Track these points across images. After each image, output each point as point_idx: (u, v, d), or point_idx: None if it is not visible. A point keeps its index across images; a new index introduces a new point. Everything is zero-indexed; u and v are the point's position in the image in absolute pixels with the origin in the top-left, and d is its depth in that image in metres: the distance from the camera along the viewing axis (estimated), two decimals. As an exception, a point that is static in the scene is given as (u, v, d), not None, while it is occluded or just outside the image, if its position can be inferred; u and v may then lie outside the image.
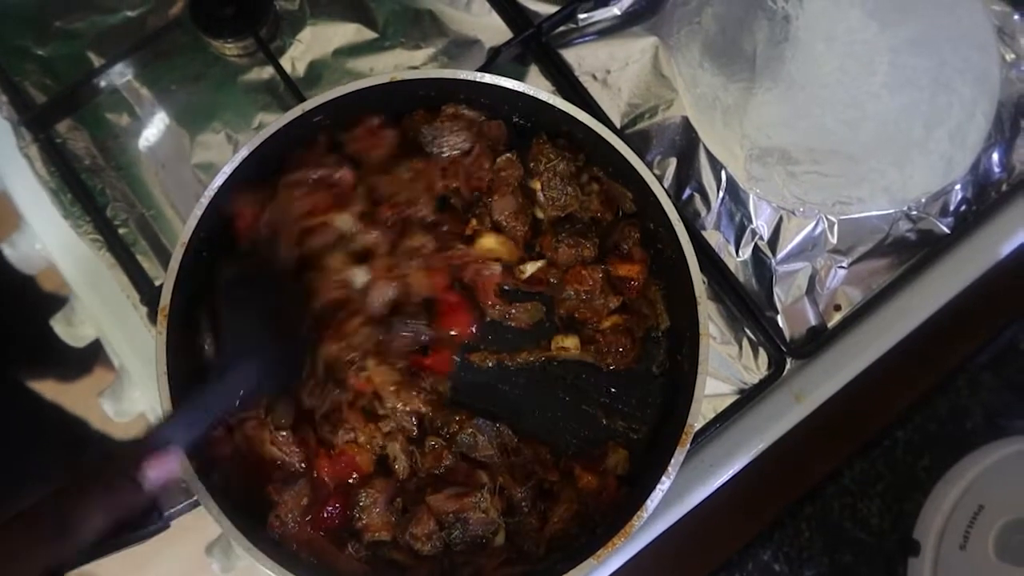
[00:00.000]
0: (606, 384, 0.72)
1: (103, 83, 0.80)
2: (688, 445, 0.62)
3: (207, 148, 0.79)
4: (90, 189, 0.77)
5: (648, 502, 0.61)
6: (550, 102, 0.69)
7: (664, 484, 0.62)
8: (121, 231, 0.76)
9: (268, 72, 0.81)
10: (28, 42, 0.81)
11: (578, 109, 0.70)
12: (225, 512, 0.59)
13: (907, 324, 0.78)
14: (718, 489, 0.74)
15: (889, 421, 0.82)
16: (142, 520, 0.58)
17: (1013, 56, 0.85)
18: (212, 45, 0.81)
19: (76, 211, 0.76)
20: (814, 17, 0.83)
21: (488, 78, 0.67)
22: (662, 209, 0.68)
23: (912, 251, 0.80)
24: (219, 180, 0.64)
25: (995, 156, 0.83)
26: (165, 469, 0.55)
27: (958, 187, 0.81)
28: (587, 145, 0.73)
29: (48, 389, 1.16)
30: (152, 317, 0.73)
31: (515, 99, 0.69)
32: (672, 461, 0.62)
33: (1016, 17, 0.86)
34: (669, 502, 0.72)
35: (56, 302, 0.87)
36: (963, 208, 0.81)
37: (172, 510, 0.60)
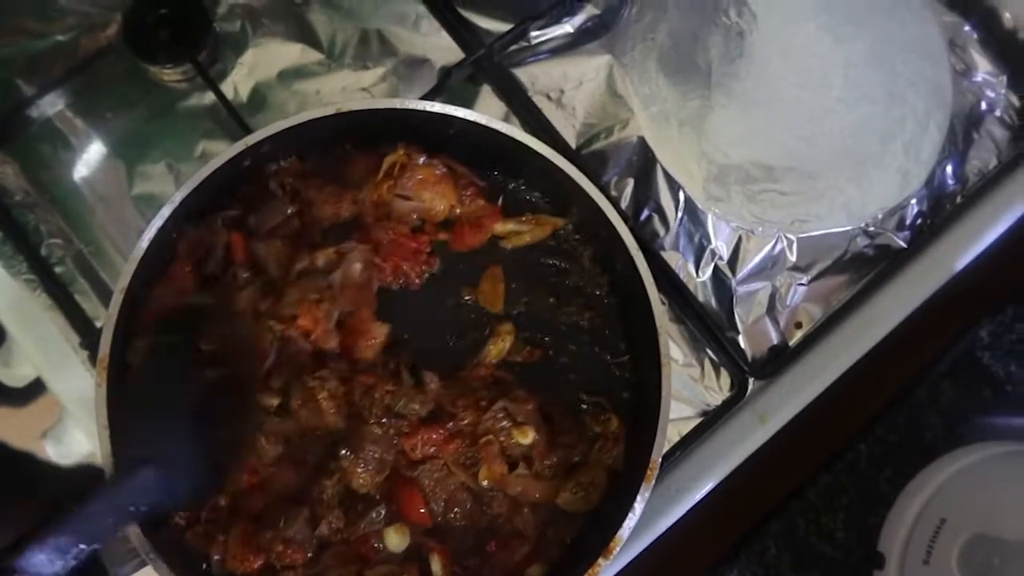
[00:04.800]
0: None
1: (34, 113, 0.76)
2: (653, 481, 0.61)
3: (147, 179, 0.76)
4: (23, 226, 0.73)
5: (615, 538, 0.60)
6: (504, 131, 0.67)
7: (631, 520, 0.60)
8: (58, 269, 0.73)
9: (210, 98, 0.78)
10: (-49, 71, 0.77)
11: (531, 137, 0.68)
12: (174, 571, 0.57)
13: (868, 340, 0.78)
14: (683, 510, 0.73)
15: (851, 434, 0.81)
16: None
17: (963, 67, 0.85)
18: (149, 71, 0.77)
19: (8, 250, 0.73)
20: (769, 32, 0.82)
21: (436, 107, 0.65)
22: (616, 232, 0.67)
23: (870, 266, 0.80)
24: (157, 222, 0.61)
25: (949, 168, 0.83)
26: None
27: (914, 201, 0.81)
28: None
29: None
30: (92, 360, 0.70)
31: (466, 127, 0.67)
32: (638, 497, 0.60)
33: (966, 28, 0.86)
34: (634, 532, 0.70)
35: (-7, 341, 0.83)
36: (919, 222, 0.81)
37: (119, 570, 0.57)
